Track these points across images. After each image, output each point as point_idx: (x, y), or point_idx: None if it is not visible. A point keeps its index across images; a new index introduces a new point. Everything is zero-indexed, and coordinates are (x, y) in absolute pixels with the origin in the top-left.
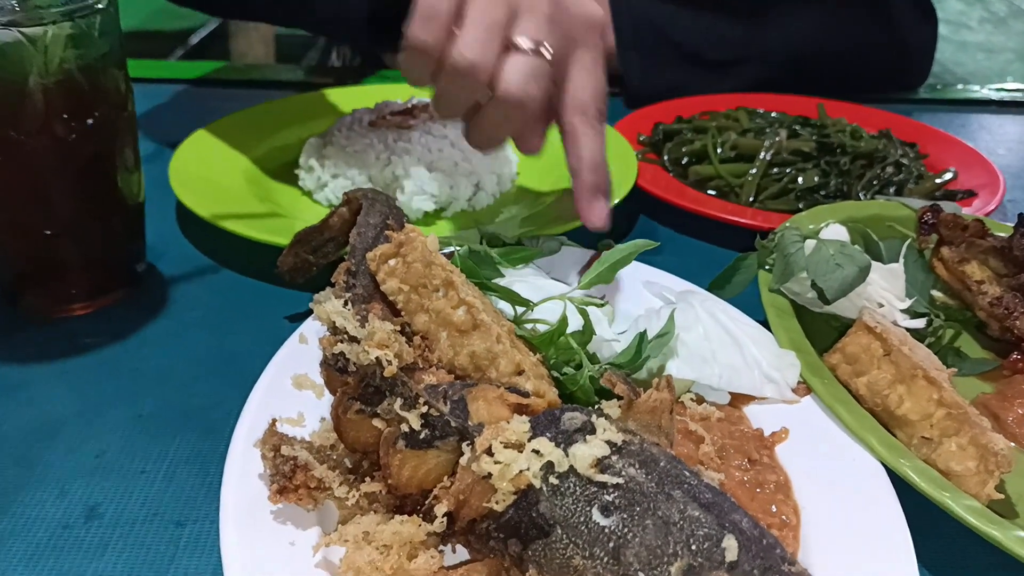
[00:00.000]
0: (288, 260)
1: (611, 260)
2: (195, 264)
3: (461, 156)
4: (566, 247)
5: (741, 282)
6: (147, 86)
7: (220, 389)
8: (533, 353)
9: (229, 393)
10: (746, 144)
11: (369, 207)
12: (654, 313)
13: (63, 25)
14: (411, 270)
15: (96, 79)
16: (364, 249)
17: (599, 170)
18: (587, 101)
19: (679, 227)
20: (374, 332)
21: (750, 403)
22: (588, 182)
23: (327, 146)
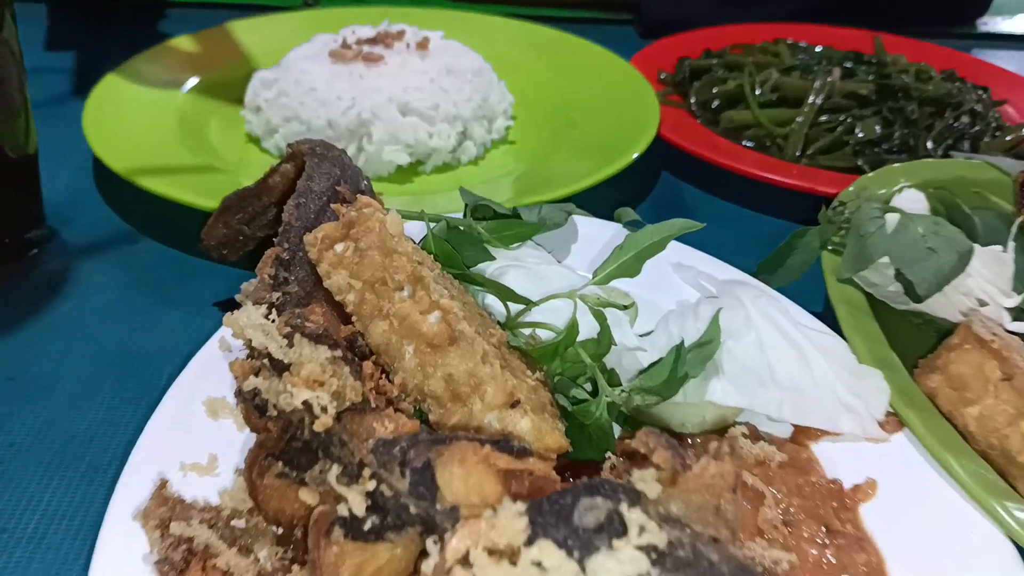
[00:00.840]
0: (216, 232)
1: (638, 246)
2: (109, 231)
3: (443, 95)
4: (576, 218)
5: (797, 266)
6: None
7: (118, 406)
8: (532, 370)
9: (128, 411)
10: (791, 85)
11: (314, 167)
12: (689, 310)
13: None
14: (366, 260)
15: None
16: (302, 229)
17: None
18: None
19: (710, 187)
20: (303, 362)
21: (820, 439)
22: None
23: (279, 82)
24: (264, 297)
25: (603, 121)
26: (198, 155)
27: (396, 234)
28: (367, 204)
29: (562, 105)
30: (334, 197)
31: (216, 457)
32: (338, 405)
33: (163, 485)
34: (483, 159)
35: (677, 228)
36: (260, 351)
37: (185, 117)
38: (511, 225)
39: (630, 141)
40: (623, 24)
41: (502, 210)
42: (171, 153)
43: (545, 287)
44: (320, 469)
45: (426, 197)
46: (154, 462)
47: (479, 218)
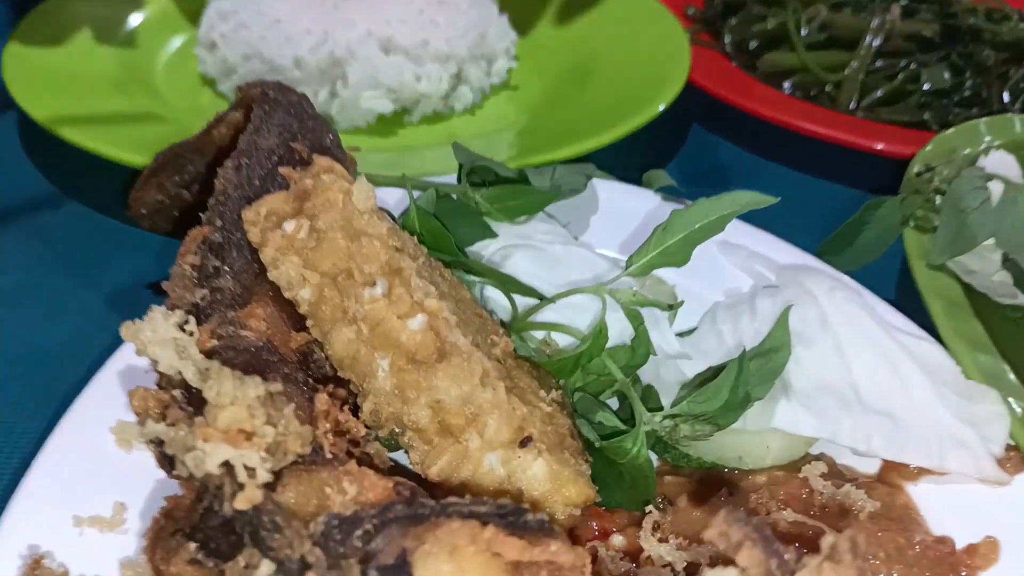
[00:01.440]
0: (148, 196)
1: (687, 226)
2: (27, 192)
3: (433, 29)
4: (597, 183)
5: (871, 245)
6: None
7: (18, 420)
8: (546, 388)
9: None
10: (843, 23)
11: (263, 117)
12: (743, 304)
13: None
14: (325, 244)
15: None
16: (242, 200)
17: None
18: None
19: (751, 143)
20: (223, 403)
21: (919, 479)
22: None
23: (238, 13)
24: (183, 298)
25: (623, 65)
26: (138, 101)
27: (366, 210)
28: (327, 168)
29: (574, 45)
30: (287, 157)
31: (124, 507)
32: (274, 463)
33: (36, 565)
34: (480, 108)
35: (741, 204)
36: (171, 378)
37: (127, 57)
38: (518, 192)
39: (656, 89)
40: None
41: (506, 172)
42: (106, 100)
43: (561, 274)
44: (246, 562)
45: (412, 153)
46: (37, 516)
47: (477, 183)
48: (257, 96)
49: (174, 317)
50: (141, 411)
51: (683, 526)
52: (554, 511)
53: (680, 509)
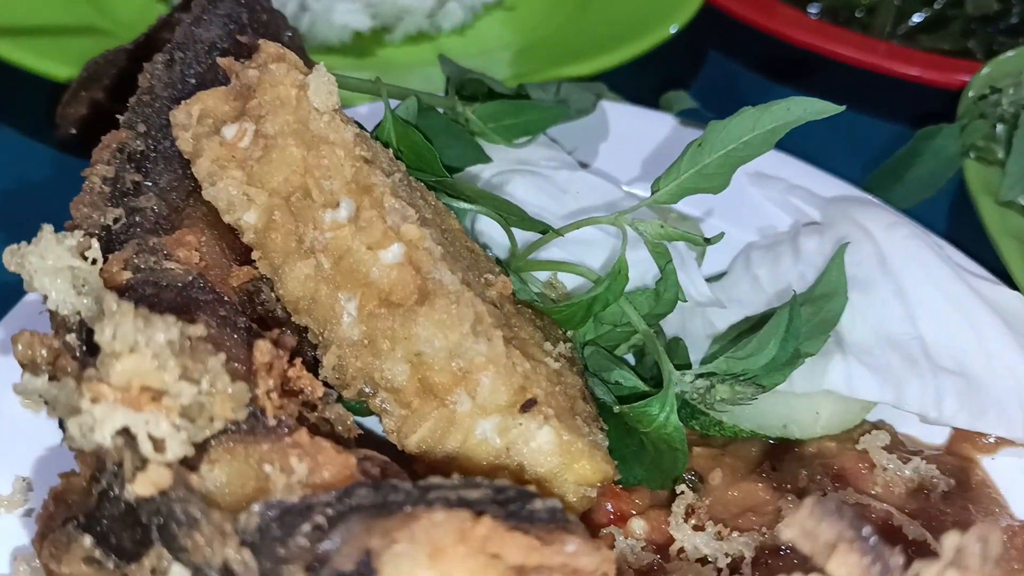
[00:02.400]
0: (75, 109)
1: (726, 143)
2: None
3: None
4: (607, 104)
5: (927, 179)
6: None
7: None
8: (552, 341)
9: None
10: None
11: (207, 5)
12: (784, 244)
13: None
14: (274, 154)
15: None
16: (171, 101)
17: None
18: None
19: (773, 71)
20: (120, 350)
21: (997, 451)
22: None
23: None
24: (89, 217)
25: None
26: (78, 12)
27: (326, 110)
28: (276, 56)
29: None
30: (232, 53)
31: (28, 483)
32: (193, 432)
33: None
34: (471, 28)
35: (796, 114)
36: (66, 318)
37: None
38: (517, 109)
39: (668, 7)
40: None
41: (501, 89)
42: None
43: (568, 204)
44: (152, 566)
45: (391, 73)
46: None
47: (467, 98)
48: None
49: (70, 240)
50: (26, 361)
51: (718, 509)
52: (564, 492)
53: (715, 488)
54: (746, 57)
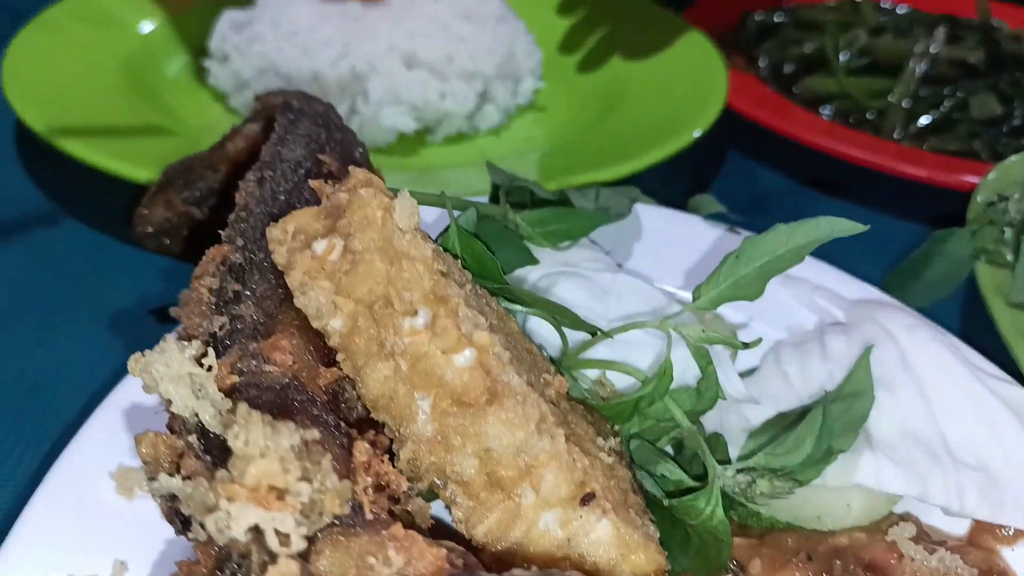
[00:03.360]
0: (154, 214)
1: (763, 256)
2: (23, 208)
3: (459, 45)
4: (641, 207)
5: (941, 280)
6: None
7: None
8: (603, 435)
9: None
10: (885, 48)
11: (288, 127)
12: (812, 343)
13: None
14: (361, 268)
15: None
16: (265, 217)
17: None
18: None
19: (791, 170)
20: (251, 455)
21: (1016, 543)
22: None
23: (253, 24)
24: (200, 326)
25: (655, 87)
26: (144, 115)
27: (408, 229)
28: (364, 181)
29: (603, 66)
30: (314, 171)
31: (124, 566)
32: (309, 527)
33: None
34: (506, 128)
35: (824, 232)
36: (186, 420)
37: (134, 68)
38: (561, 215)
39: (691, 112)
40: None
41: (545, 195)
42: (110, 112)
43: (613, 306)
44: None
45: (434, 174)
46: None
47: (514, 205)
48: (279, 105)
49: (190, 349)
50: (151, 460)
51: None
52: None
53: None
54: (764, 157)
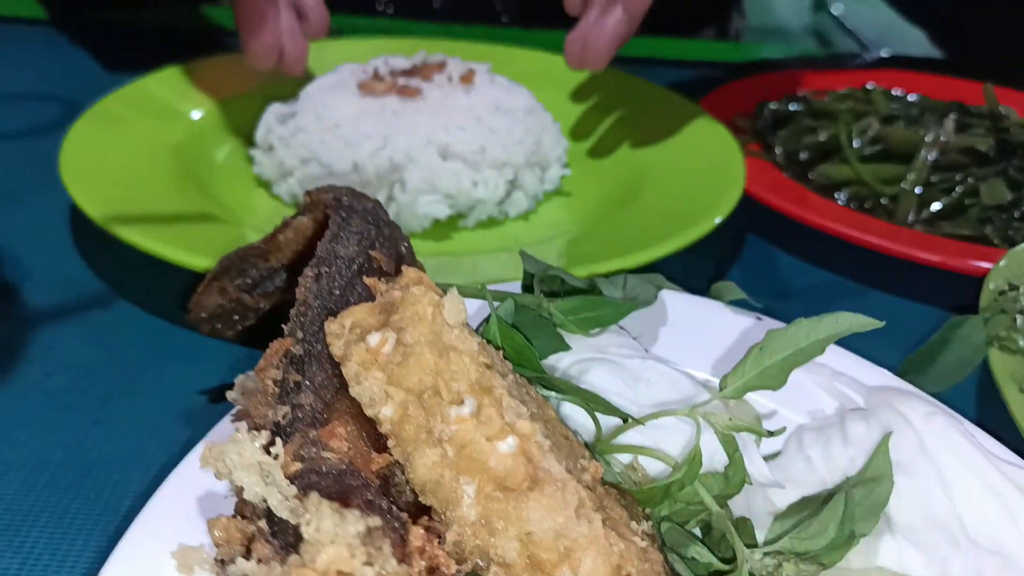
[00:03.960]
0: (209, 300)
1: (785, 349)
2: (77, 291)
3: (490, 136)
4: (667, 292)
5: (956, 366)
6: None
7: (61, 539)
8: (635, 519)
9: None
10: (897, 137)
11: (341, 224)
12: (833, 428)
13: None
14: (412, 360)
15: None
16: (323, 311)
17: None
18: None
19: (808, 254)
20: (322, 541)
21: None
22: None
23: (296, 116)
24: (266, 416)
25: (676, 174)
26: (194, 201)
27: (456, 324)
28: (416, 280)
29: (625, 154)
30: (366, 266)
31: None
32: None
33: None
34: (534, 214)
35: (843, 327)
36: (255, 506)
37: (183, 157)
38: (592, 304)
39: (712, 199)
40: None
41: (576, 282)
42: (162, 199)
43: (643, 392)
44: None
45: (467, 259)
46: None
47: (547, 293)
48: (331, 201)
49: (260, 439)
50: (224, 543)
51: None
52: None
53: None
54: (782, 241)
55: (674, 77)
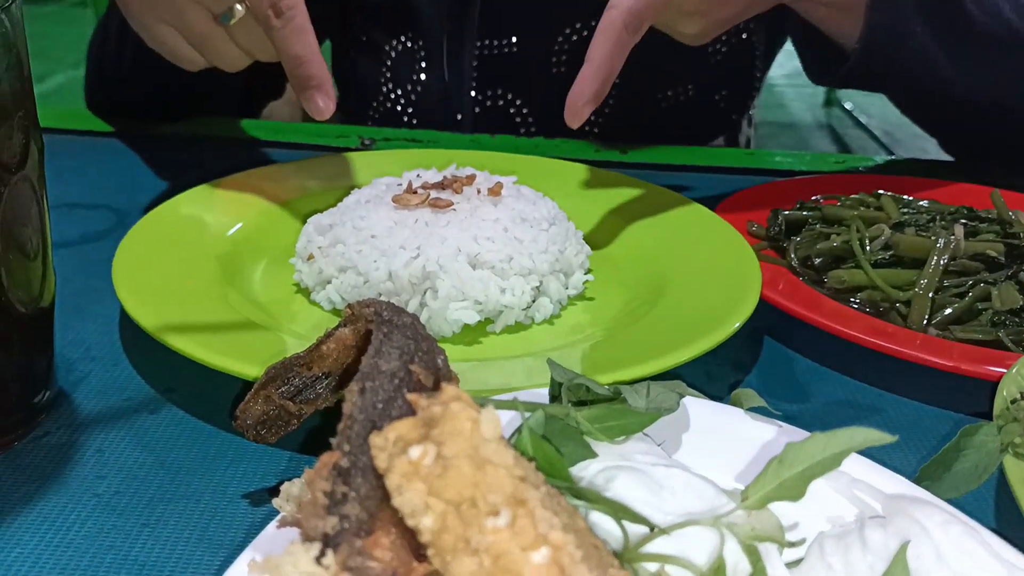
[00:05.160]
0: (255, 408)
1: (804, 461)
2: (127, 396)
3: (517, 246)
4: (689, 400)
5: (970, 473)
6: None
7: None
8: None
9: None
10: (908, 243)
11: (383, 340)
12: (853, 535)
13: None
14: (451, 472)
15: None
16: (368, 424)
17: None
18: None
19: (825, 358)
20: None
21: None
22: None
23: (335, 228)
24: (316, 527)
25: (694, 280)
26: (238, 309)
27: (493, 438)
28: (455, 397)
29: (645, 260)
30: (407, 381)
31: None
32: None
33: None
34: (559, 318)
35: (858, 442)
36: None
37: (228, 265)
38: (619, 413)
39: (730, 304)
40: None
41: (601, 391)
42: (208, 307)
43: (667, 500)
44: None
45: (495, 364)
46: None
47: (574, 402)
48: (371, 316)
49: (312, 550)
50: None
51: None
52: None
53: None
54: (799, 344)
55: (690, 183)
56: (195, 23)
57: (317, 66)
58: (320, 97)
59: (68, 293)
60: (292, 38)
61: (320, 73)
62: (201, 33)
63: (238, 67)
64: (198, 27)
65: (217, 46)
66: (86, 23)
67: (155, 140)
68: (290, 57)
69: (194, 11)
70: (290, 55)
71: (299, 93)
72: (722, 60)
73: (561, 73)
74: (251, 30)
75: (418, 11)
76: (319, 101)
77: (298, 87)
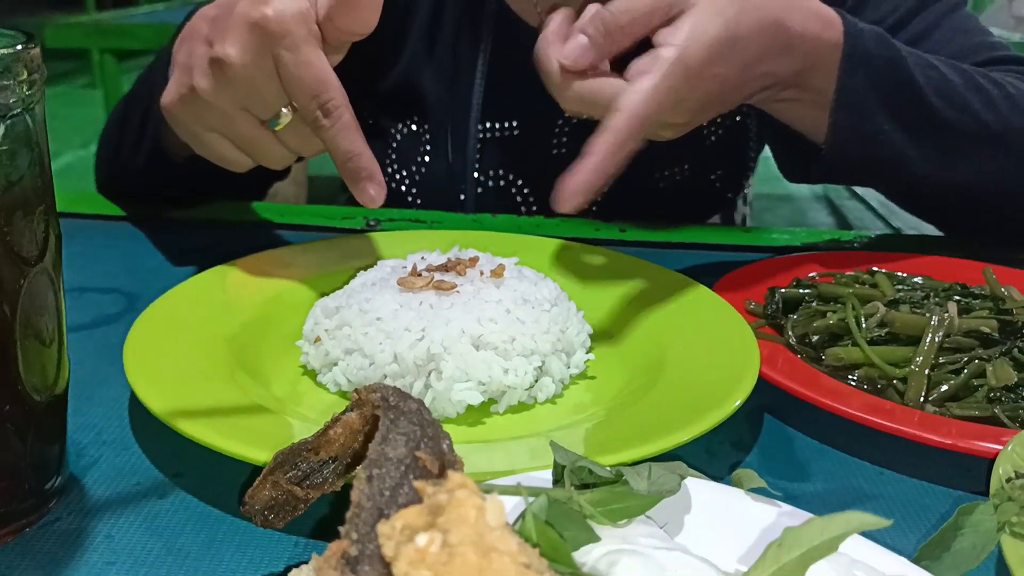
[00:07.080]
0: (263, 493)
1: (802, 546)
2: (136, 481)
3: (520, 327)
4: (690, 481)
5: (969, 552)
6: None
7: None
8: None
9: None
10: (903, 321)
11: (390, 426)
12: None
13: None
14: (456, 559)
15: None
16: (376, 512)
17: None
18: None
19: (824, 435)
20: None
21: None
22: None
23: (341, 311)
24: None
25: (694, 359)
26: (247, 393)
27: (497, 525)
28: (460, 484)
29: (645, 339)
30: (413, 467)
31: None
32: None
33: None
34: (561, 397)
35: (854, 525)
36: None
37: (236, 348)
38: (621, 496)
39: (729, 384)
40: (697, 249)
41: (603, 473)
42: (218, 390)
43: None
44: None
45: (499, 445)
46: None
47: (577, 485)
48: (378, 402)
49: None
50: None
51: None
52: None
53: None
54: (798, 421)
55: (687, 261)
56: (243, 129)
57: (367, 159)
58: (372, 187)
59: (80, 377)
60: (342, 136)
61: (370, 165)
62: (249, 138)
63: (284, 165)
64: (246, 133)
65: (265, 148)
66: (95, 104)
67: (165, 223)
68: (341, 153)
69: (242, 118)
70: (341, 151)
71: (352, 186)
72: (717, 142)
73: (562, 154)
74: (298, 131)
75: (425, 97)
76: (371, 191)
77: (350, 180)
